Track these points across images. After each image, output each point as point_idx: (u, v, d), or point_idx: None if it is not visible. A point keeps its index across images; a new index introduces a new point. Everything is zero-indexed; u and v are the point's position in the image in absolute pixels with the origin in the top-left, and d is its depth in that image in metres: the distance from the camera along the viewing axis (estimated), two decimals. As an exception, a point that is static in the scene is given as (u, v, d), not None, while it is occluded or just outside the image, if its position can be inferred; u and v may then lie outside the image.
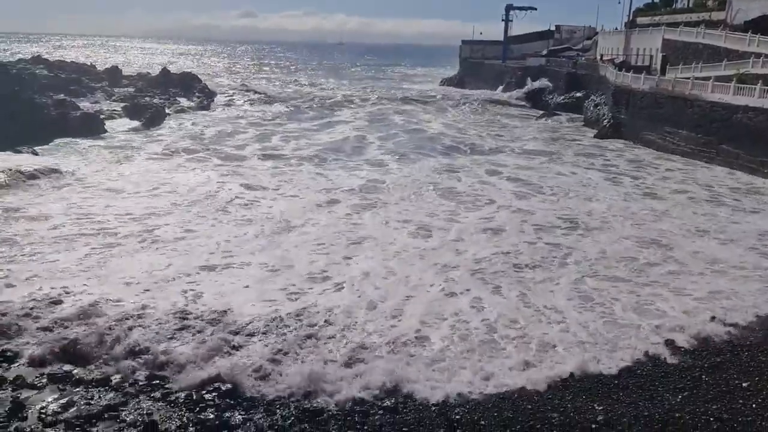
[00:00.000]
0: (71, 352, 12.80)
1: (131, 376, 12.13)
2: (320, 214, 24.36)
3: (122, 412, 11.09)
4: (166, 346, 13.11)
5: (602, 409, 11.23)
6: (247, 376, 12.11)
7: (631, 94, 45.46)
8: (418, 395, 11.71)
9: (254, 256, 19.32)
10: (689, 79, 40.47)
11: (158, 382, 12.00)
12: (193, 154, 35.96)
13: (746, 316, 15.65)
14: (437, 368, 12.70)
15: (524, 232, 22.81)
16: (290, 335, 13.87)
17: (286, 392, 11.72)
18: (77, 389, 11.68)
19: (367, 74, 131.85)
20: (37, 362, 12.39)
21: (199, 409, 11.23)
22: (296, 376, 12.04)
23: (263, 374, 12.21)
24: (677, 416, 10.86)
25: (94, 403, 11.26)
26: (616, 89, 47.99)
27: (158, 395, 11.59)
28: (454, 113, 61.68)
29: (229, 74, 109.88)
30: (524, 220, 24.38)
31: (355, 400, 11.51)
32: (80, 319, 14.18)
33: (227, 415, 11.07)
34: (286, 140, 42.51)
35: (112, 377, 12.06)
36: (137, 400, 11.44)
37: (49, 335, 13.42)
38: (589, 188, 30.46)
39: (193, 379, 11.97)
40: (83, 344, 13.05)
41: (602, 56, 67.44)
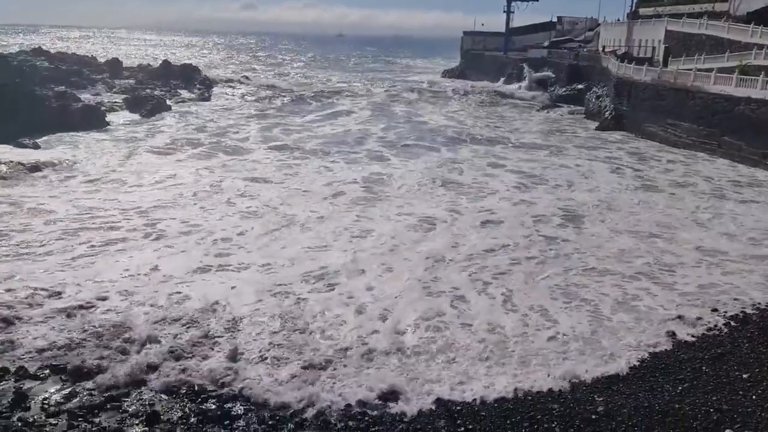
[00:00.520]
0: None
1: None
2: (324, 207, 24.27)
3: (124, 402, 11.17)
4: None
5: (602, 400, 11.27)
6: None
7: (633, 85, 45.32)
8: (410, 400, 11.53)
9: (256, 252, 19.30)
10: (691, 70, 40.32)
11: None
12: (196, 146, 35.91)
13: (746, 308, 15.70)
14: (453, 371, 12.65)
15: (523, 224, 22.78)
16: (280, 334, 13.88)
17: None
18: (79, 380, 11.73)
19: (368, 66, 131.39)
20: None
21: (200, 399, 11.31)
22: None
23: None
24: (677, 407, 10.89)
25: (96, 393, 11.31)
26: (618, 81, 47.82)
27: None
28: (455, 105, 61.56)
29: (230, 66, 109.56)
30: (525, 212, 24.39)
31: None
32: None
33: (228, 405, 11.17)
34: (288, 132, 42.46)
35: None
36: (139, 390, 11.51)
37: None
38: (590, 180, 30.42)
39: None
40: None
41: (604, 48, 67.14)
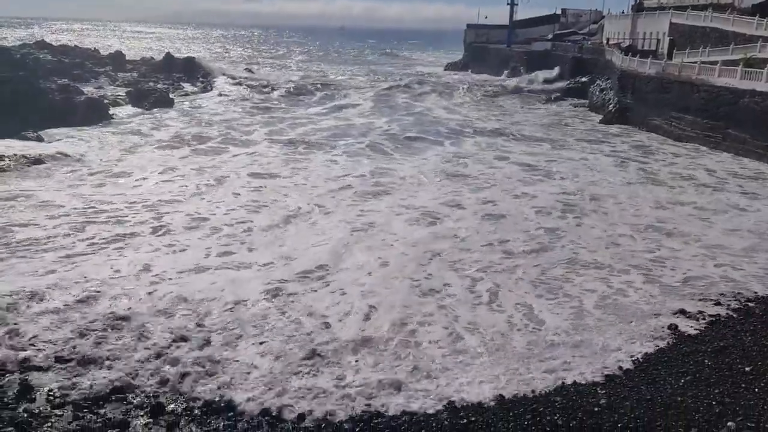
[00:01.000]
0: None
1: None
2: (329, 201, 24.25)
3: (128, 394, 11.23)
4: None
5: (605, 393, 11.30)
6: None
7: (637, 78, 45.15)
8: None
9: (261, 249, 19.32)
10: (696, 63, 40.14)
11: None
12: (200, 139, 35.91)
13: (748, 301, 15.71)
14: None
15: (526, 217, 22.81)
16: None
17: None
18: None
19: (370, 59, 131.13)
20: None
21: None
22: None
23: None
24: (679, 400, 10.91)
25: (102, 385, 11.36)
26: (622, 74, 47.65)
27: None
28: (459, 98, 61.42)
29: (232, 58, 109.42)
30: (526, 204, 24.43)
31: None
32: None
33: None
34: (292, 125, 42.46)
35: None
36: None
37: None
38: (593, 173, 30.39)
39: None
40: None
41: (608, 40, 66.87)
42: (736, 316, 14.78)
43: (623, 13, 72.26)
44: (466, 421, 10.50)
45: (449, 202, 24.53)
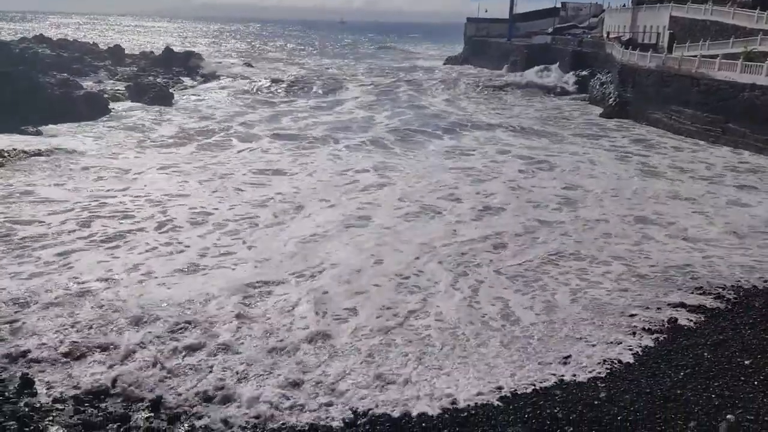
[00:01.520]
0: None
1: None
2: (332, 195, 24.25)
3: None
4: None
5: (604, 386, 11.34)
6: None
7: (637, 72, 45.06)
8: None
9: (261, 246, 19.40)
10: (696, 56, 40.05)
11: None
12: (201, 133, 35.90)
13: (748, 294, 15.73)
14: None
15: (522, 211, 22.83)
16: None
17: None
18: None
19: (370, 52, 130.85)
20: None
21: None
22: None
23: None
24: (679, 393, 10.95)
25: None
26: (622, 67, 47.55)
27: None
28: (459, 91, 61.23)
29: (232, 52, 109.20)
30: (523, 197, 24.50)
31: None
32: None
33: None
34: (294, 119, 42.44)
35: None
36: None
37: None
38: (592, 166, 30.42)
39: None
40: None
41: (608, 34, 66.63)
42: (735, 309, 14.80)
43: (623, 6, 72.03)
44: (466, 414, 10.54)
45: (448, 195, 24.54)
